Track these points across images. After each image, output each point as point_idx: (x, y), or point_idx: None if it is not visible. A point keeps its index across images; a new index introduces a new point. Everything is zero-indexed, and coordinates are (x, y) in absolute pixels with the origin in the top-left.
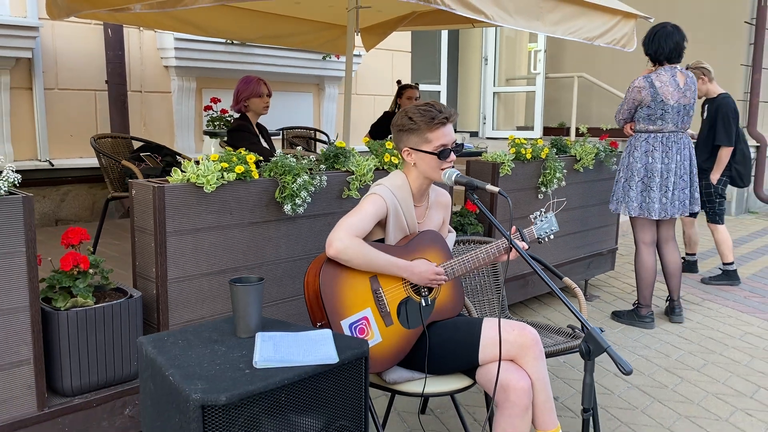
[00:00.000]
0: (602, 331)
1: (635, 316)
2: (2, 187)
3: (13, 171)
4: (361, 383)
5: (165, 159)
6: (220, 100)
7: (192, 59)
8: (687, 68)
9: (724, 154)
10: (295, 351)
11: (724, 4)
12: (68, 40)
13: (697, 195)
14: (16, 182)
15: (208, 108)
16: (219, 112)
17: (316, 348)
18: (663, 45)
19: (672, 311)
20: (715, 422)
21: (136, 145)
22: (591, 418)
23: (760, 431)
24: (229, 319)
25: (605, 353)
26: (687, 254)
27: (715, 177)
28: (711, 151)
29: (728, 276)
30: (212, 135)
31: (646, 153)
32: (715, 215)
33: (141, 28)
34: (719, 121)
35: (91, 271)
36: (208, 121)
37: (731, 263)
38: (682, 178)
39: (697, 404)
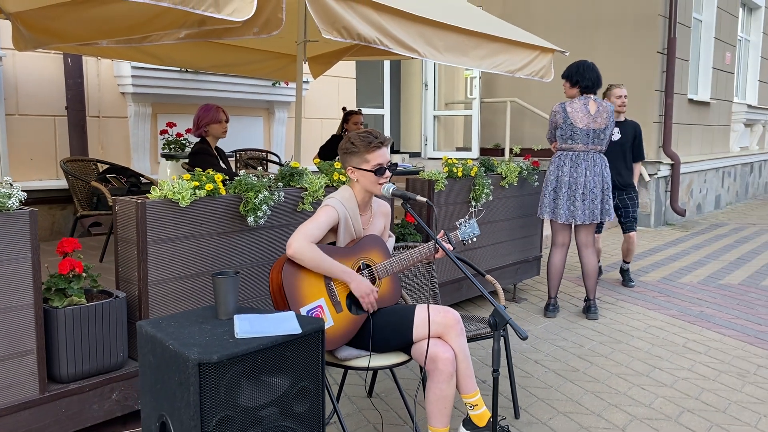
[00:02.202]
0: (506, 308)
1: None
2: (14, 203)
3: (20, 190)
4: (319, 352)
5: (129, 180)
6: (175, 125)
7: (148, 86)
8: (611, 87)
9: (642, 167)
10: (266, 326)
11: (638, 36)
12: (29, 68)
13: (608, 207)
14: (22, 200)
15: (164, 132)
16: (174, 136)
17: (283, 323)
18: (588, 77)
19: (588, 310)
20: (615, 395)
21: (102, 167)
22: (512, 385)
23: (649, 400)
24: (210, 307)
25: (508, 324)
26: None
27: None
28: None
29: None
30: (168, 157)
31: (558, 167)
32: (635, 223)
33: (99, 58)
34: (642, 141)
35: (83, 275)
36: (164, 144)
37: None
38: (592, 191)
39: (602, 383)
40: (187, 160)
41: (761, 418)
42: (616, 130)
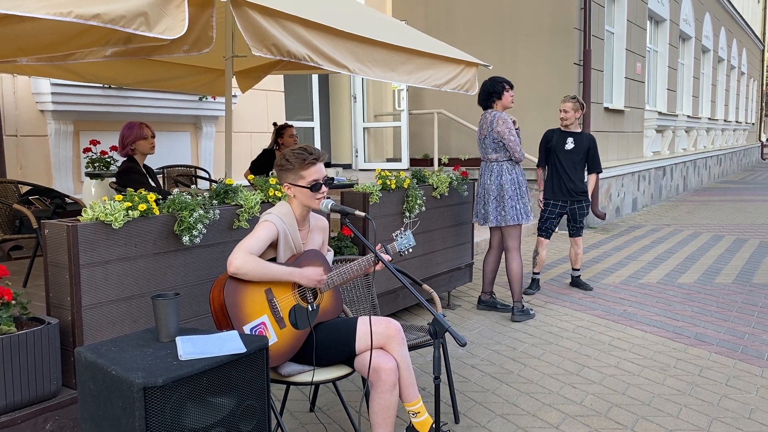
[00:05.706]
0: (444, 316)
1: None
2: None
3: None
4: (264, 370)
5: (54, 201)
6: (99, 142)
7: (69, 103)
8: (566, 98)
9: (597, 178)
10: (210, 346)
11: (556, 48)
12: None
13: (496, 212)
14: None
15: (87, 150)
16: (99, 154)
17: (226, 343)
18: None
19: (512, 313)
20: (548, 395)
21: (23, 189)
22: (451, 391)
23: (580, 398)
24: (149, 330)
25: (447, 332)
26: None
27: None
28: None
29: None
30: (93, 176)
31: None
32: (580, 231)
33: (15, 75)
34: (596, 152)
35: (12, 302)
36: (87, 163)
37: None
38: (482, 197)
39: (535, 383)
40: (113, 179)
41: (682, 409)
42: (570, 140)
